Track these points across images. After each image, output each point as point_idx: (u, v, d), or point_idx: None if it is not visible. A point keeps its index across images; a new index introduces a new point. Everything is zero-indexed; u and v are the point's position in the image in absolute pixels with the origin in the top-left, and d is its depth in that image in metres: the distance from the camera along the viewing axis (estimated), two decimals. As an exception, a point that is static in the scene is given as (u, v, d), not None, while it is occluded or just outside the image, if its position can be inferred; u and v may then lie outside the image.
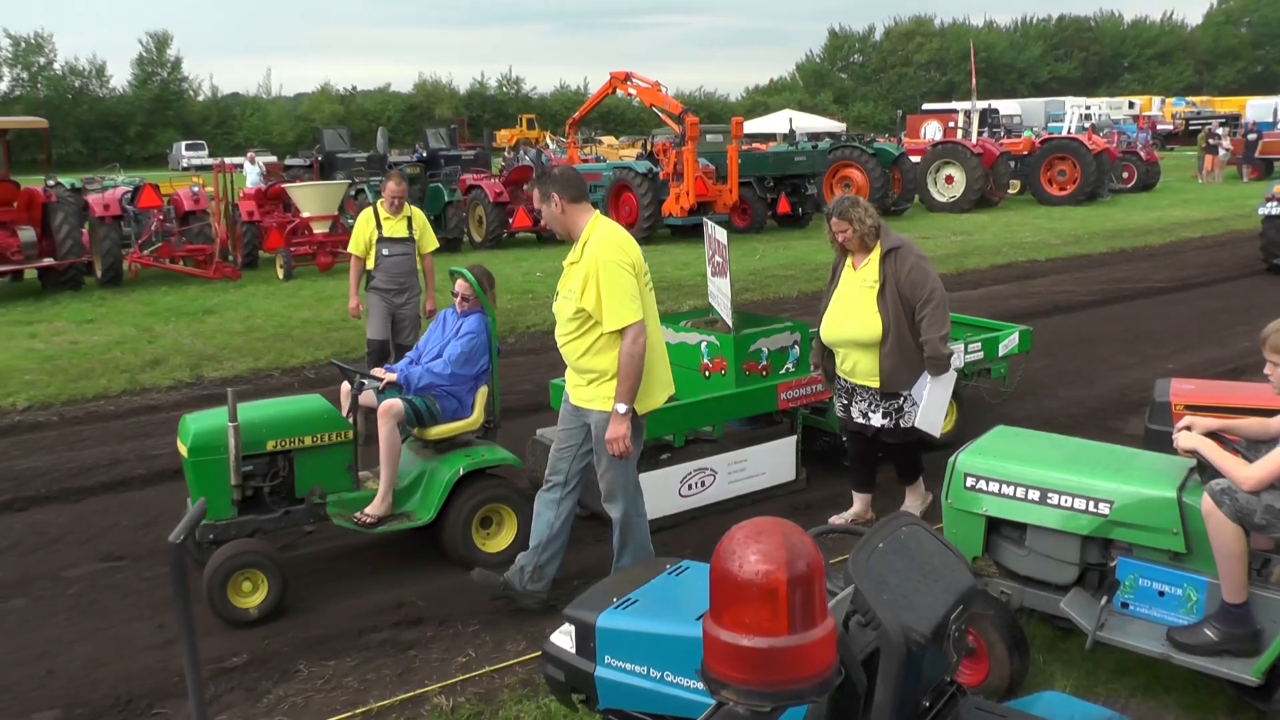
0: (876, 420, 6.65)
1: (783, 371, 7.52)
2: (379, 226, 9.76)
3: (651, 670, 3.38)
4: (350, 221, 20.82)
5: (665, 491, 6.93)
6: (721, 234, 7.57)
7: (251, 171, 29.48)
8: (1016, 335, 8.77)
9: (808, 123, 57.99)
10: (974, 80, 36.53)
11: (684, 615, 3.39)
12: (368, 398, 6.62)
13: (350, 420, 6.40)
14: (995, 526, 4.90)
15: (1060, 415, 9.41)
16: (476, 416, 6.67)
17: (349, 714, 4.94)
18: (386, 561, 6.64)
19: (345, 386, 6.67)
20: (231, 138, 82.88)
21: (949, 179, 29.44)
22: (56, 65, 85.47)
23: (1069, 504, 4.59)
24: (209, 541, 6.06)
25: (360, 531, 6.31)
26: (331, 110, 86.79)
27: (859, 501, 7.05)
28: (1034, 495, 4.67)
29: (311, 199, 19.88)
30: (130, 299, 17.38)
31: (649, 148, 26.10)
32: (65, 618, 6.00)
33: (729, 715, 2.05)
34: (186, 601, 2.85)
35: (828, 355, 6.83)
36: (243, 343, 13.16)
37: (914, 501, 7.03)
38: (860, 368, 6.58)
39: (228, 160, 23.58)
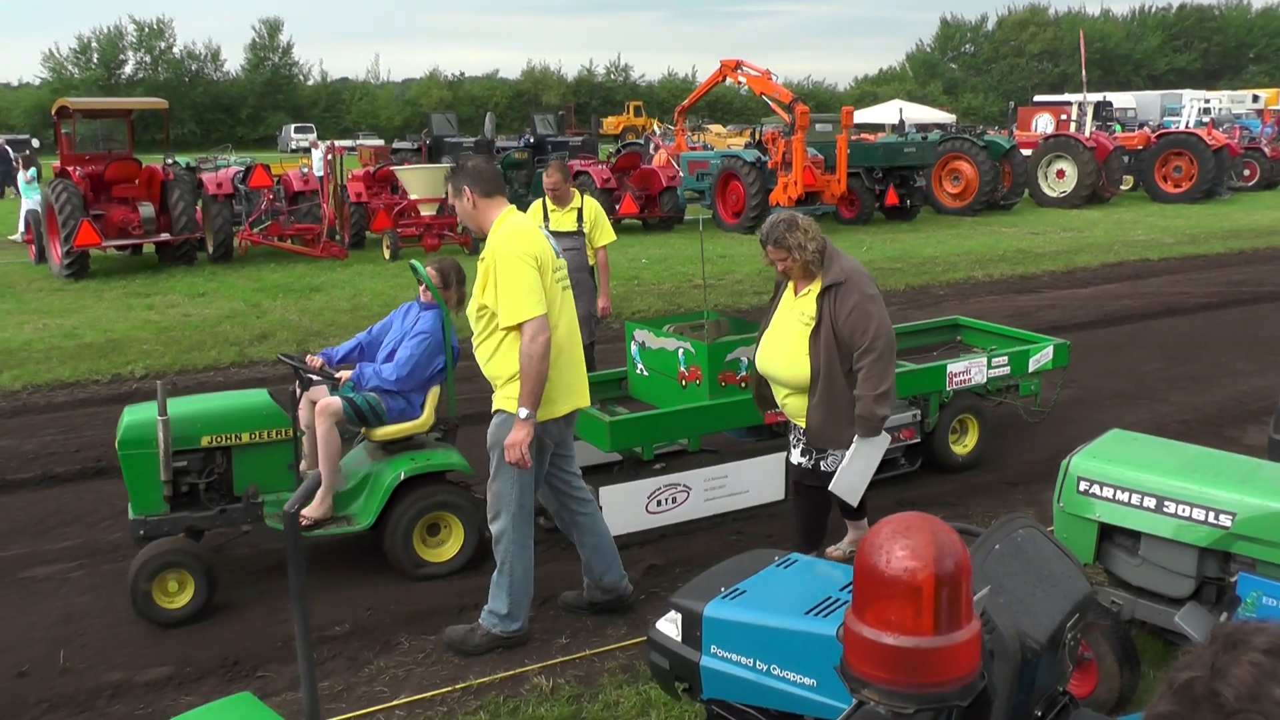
0: (795, 457, 5.91)
1: (743, 382, 6.92)
2: (546, 220, 9.15)
3: (758, 662, 3.36)
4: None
5: (631, 507, 6.55)
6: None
7: (315, 157, 29.96)
8: (1051, 349, 8.13)
9: (917, 113, 57.19)
10: (1084, 71, 35.63)
11: (792, 609, 3.37)
12: (321, 394, 6.36)
13: (291, 418, 6.16)
14: (1108, 533, 4.74)
15: (1173, 421, 9.13)
16: (425, 418, 6.34)
17: (448, 689, 5.02)
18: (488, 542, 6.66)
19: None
20: (340, 121, 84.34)
21: (1060, 173, 28.78)
22: (175, 50, 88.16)
23: (1188, 514, 4.43)
24: (139, 537, 5.89)
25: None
26: (439, 96, 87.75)
27: (853, 529, 6.33)
28: (1150, 503, 4.52)
29: (419, 182, 20.17)
30: (240, 275, 17.88)
31: (757, 136, 25.95)
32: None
33: (870, 715, 2.02)
34: (300, 569, 2.92)
35: (764, 381, 6.03)
36: (349, 320, 13.40)
37: (850, 540, 6.26)
38: (791, 406, 5.81)
39: (338, 143, 23.96)
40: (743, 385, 6.83)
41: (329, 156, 20.15)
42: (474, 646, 5.30)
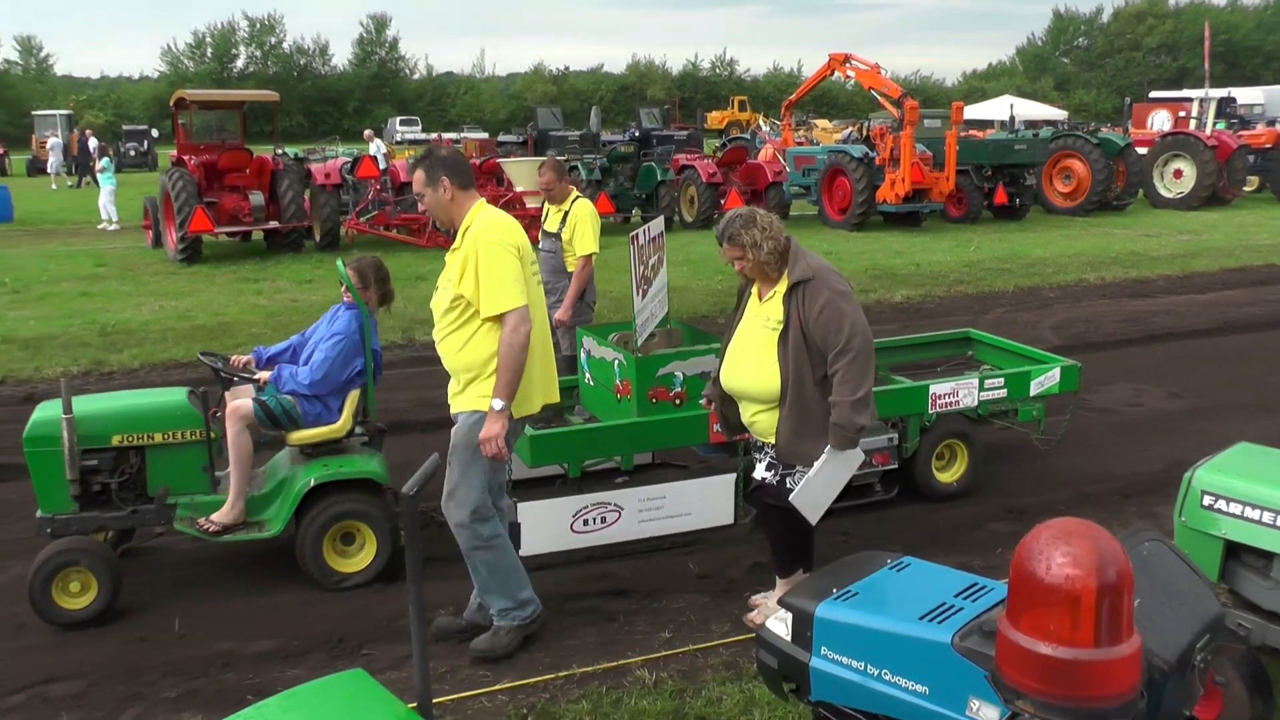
0: (759, 471, 5.30)
1: (704, 402, 6.16)
2: (545, 217, 8.82)
3: (869, 666, 3.30)
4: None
5: (554, 526, 6.12)
6: (656, 226, 6.63)
7: (373, 149, 30.36)
8: (1058, 372, 7.30)
9: (1027, 109, 55.90)
10: (1207, 65, 34.51)
11: (905, 613, 3.30)
12: (247, 395, 6.18)
13: (204, 418, 5.97)
14: (1234, 552, 4.49)
15: (1301, 435, 8.73)
16: (343, 423, 6.11)
17: (551, 675, 5.03)
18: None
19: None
20: (444, 115, 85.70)
21: (1178, 173, 27.85)
22: (285, 45, 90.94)
23: (1327, 535, 4.18)
24: (46, 535, 5.78)
25: (206, 540, 5.92)
26: (544, 90, 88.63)
27: (781, 587, 5.54)
28: (1283, 520, 4.30)
29: (525, 174, 20.31)
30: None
31: (865, 132, 25.66)
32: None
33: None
34: (418, 551, 2.93)
35: (729, 401, 5.40)
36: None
37: (779, 594, 5.37)
38: (760, 425, 5.21)
39: (445, 135, 24.24)
40: (676, 403, 6.36)
41: (404, 149, 20.33)
42: (504, 647, 5.19)
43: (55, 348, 11.92)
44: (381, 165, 22.09)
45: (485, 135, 48.97)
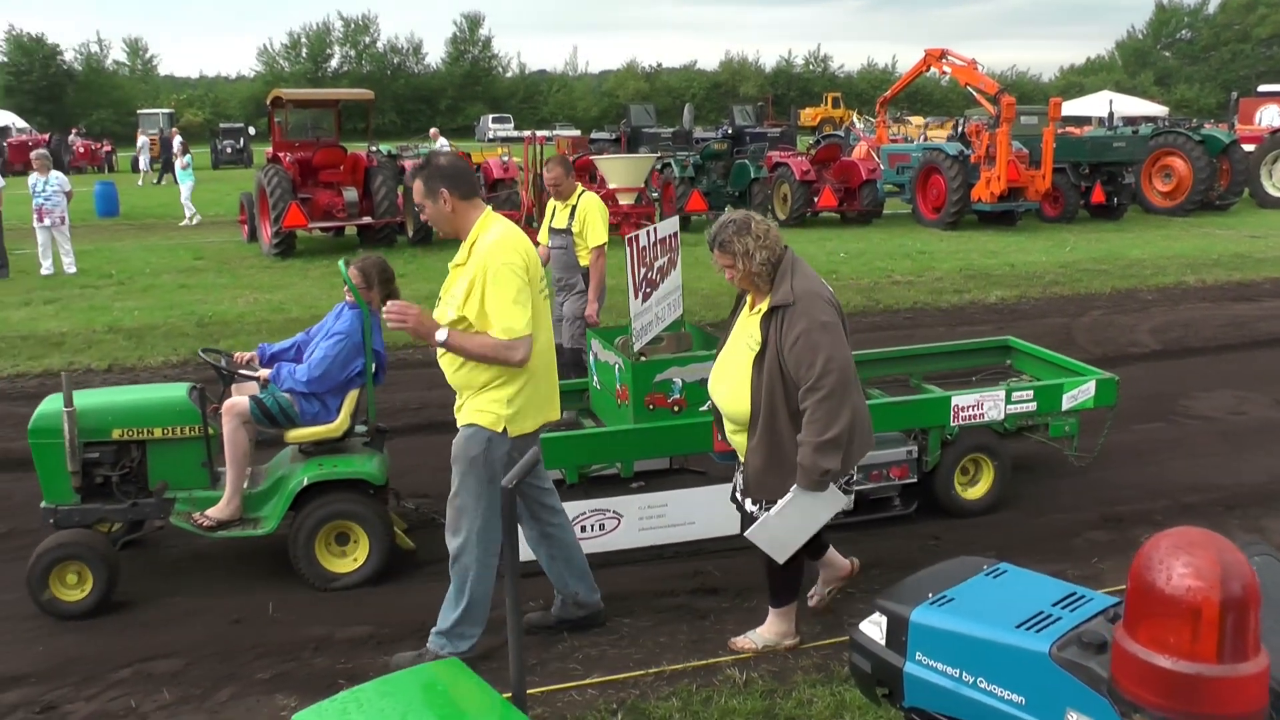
0: (746, 504, 5.03)
1: (705, 408, 6.03)
2: (553, 215, 8.78)
3: (965, 674, 3.25)
4: (655, 195, 21.31)
5: None
6: (667, 228, 6.56)
7: (439, 146, 30.57)
8: (1093, 385, 6.95)
9: (1126, 105, 54.52)
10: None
11: (1003, 621, 3.24)
12: (246, 390, 6.22)
13: (203, 415, 6.05)
14: None
15: None
16: (340, 422, 6.12)
17: (641, 672, 5.05)
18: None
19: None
20: (537, 112, 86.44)
21: (1288, 171, 27.02)
22: (379, 44, 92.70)
23: None
24: (49, 525, 5.91)
25: (200, 535, 5.97)
26: (636, 87, 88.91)
27: (823, 568, 5.61)
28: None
29: (618, 171, 20.35)
30: (438, 258, 18.45)
31: (960, 129, 25.29)
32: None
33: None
34: (515, 543, 2.96)
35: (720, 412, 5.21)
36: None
37: (768, 631, 5.26)
38: (737, 442, 5.01)
39: (538, 133, 24.45)
40: (675, 410, 6.24)
41: (528, 146, 20.54)
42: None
43: (156, 337, 12.35)
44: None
45: (577, 132, 49.24)
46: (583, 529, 6.12)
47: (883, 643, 3.56)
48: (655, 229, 6.31)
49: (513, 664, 3.07)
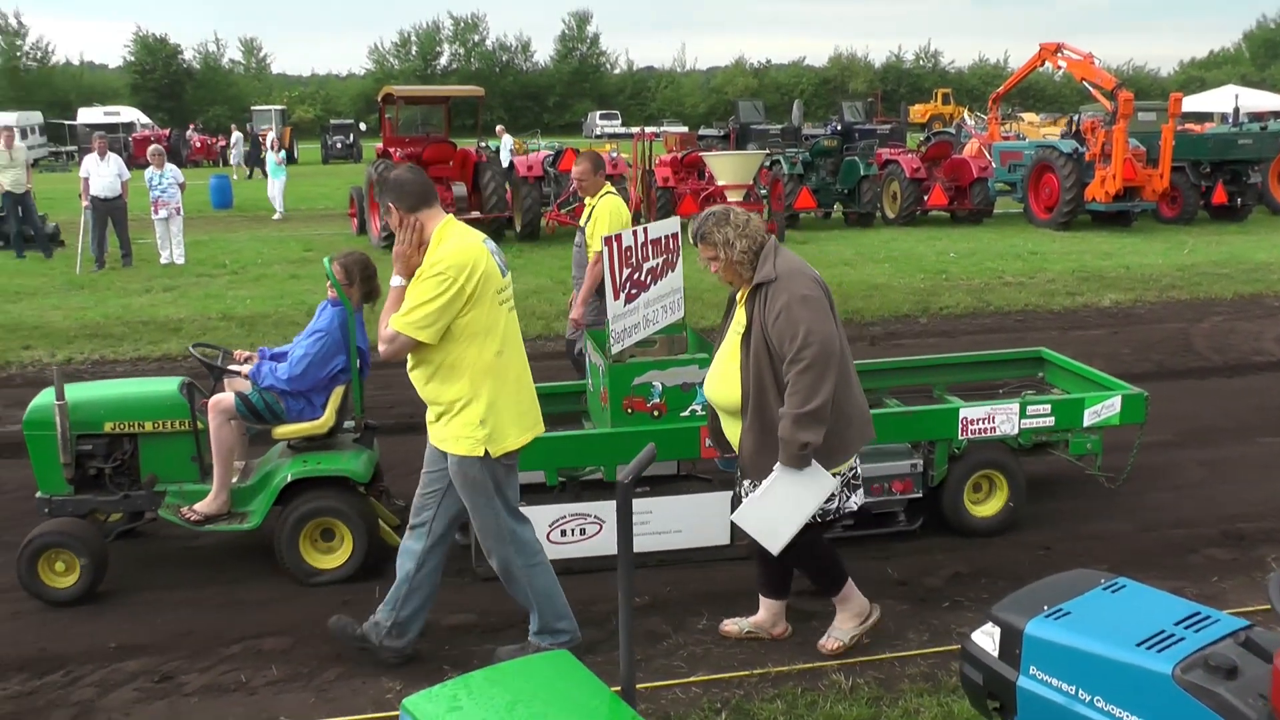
0: (742, 490, 5.01)
1: (686, 413, 6.13)
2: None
3: (1080, 691, 3.17)
4: (763, 192, 21.21)
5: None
6: (664, 229, 6.36)
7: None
8: (1118, 401, 6.54)
9: (1254, 100, 52.29)
10: None
11: (1122, 638, 3.15)
12: (240, 386, 6.25)
13: (191, 410, 6.12)
14: None
15: None
16: (325, 419, 6.11)
17: (746, 672, 5.02)
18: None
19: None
20: (645, 109, 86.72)
21: None
22: (488, 42, 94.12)
23: None
24: (43, 514, 6.04)
25: (188, 528, 6.03)
26: (744, 84, 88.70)
27: (764, 608, 5.39)
28: None
29: (727, 168, 20.32)
30: (546, 253, 18.71)
31: (1075, 126, 24.71)
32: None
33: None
34: (629, 537, 2.98)
35: (715, 414, 5.18)
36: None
37: (845, 622, 5.22)
38: (734, 436, 4.98)
39: (647, 129, 24.52)
40: (655, 415, 6.12)
41: (637, 142, 20.62)
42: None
43: (268, 325, 12.73)
44: (506, 162, 22.42)
45: (685, 129, 49.33)
46: (563, 533, 6.08)
47: (995, 654, 3.50)
48: (648, 229, 6.20)
49: (623, 659, 3.09)
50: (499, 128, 36.57)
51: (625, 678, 3.08)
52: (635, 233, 6.11)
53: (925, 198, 22.50)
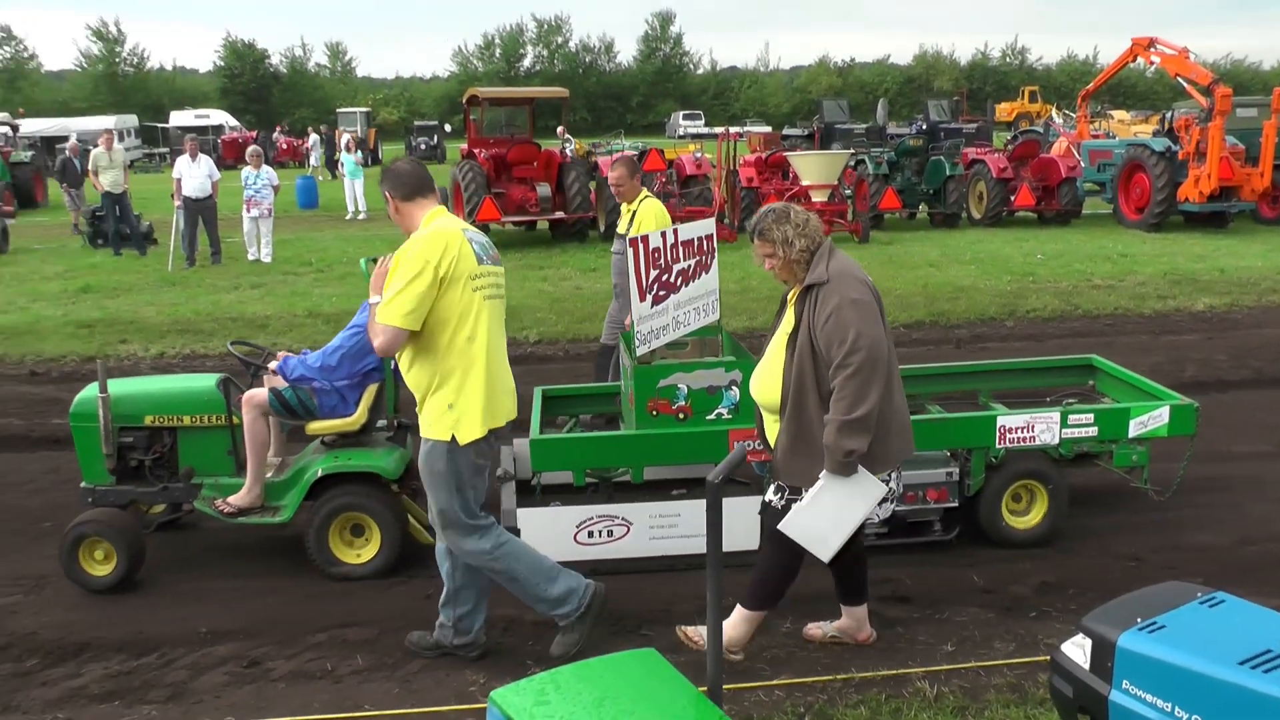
0: (769, 493, 4.94)
1: (712, 417, 6.08)
2: (620, 218, 8.64)
3: (1177, 709, 3.08)
4: (848, 192, 21.08)
5: (556, 535, 6.00)
6: (700, 229, 6.33)
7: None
8: (1166, 411, 6.31)
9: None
10: None
11: (1223, 656, 3.06)
12: (276, 383, 6.32)
13: (227, 405, 6.27)
14: None
15: None
16: (358, 416, 6.20)
17: (830, 677, 4.98)
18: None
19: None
20: (728, 108, 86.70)
21: None
22: (571, 43, 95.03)
23: None
24: (87, 503, 6.23)
25: (221, 520, 6.18)
26: (828, 83, 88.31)
27: (846, 614, 5.31)
28: None
29: (812, 168, 20.25)
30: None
31: (1168, 123, 24.13)
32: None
33: None
34: (717, 538, 2.98)
35: (760, 414, 5.11)
36: (738, 302, 13.56)
37: (839, 626, 5.26)
38: (774, 438, 4.90)
39: (731, 129, 24.47)
40: (680, 418, 6.07)
41: (721, 142, 20.62)
42: (574, 643, 5.13)
43: (352, 322, 12.85)
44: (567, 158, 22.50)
45: (768, 129, 49.15)
46: (590, 534, 6.10)
47: (1086, 667, 3.42)
48: (675, 231, 6.17)
49: (710, 658, 3.09)
50: (559, 129, 36.78)
51: (712, 677, 3.07)
52: (664, 234, 6.11)
53: (1012, 198, 22.13)
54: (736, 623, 5.06)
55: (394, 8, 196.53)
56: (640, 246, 5.85)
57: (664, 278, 6.07)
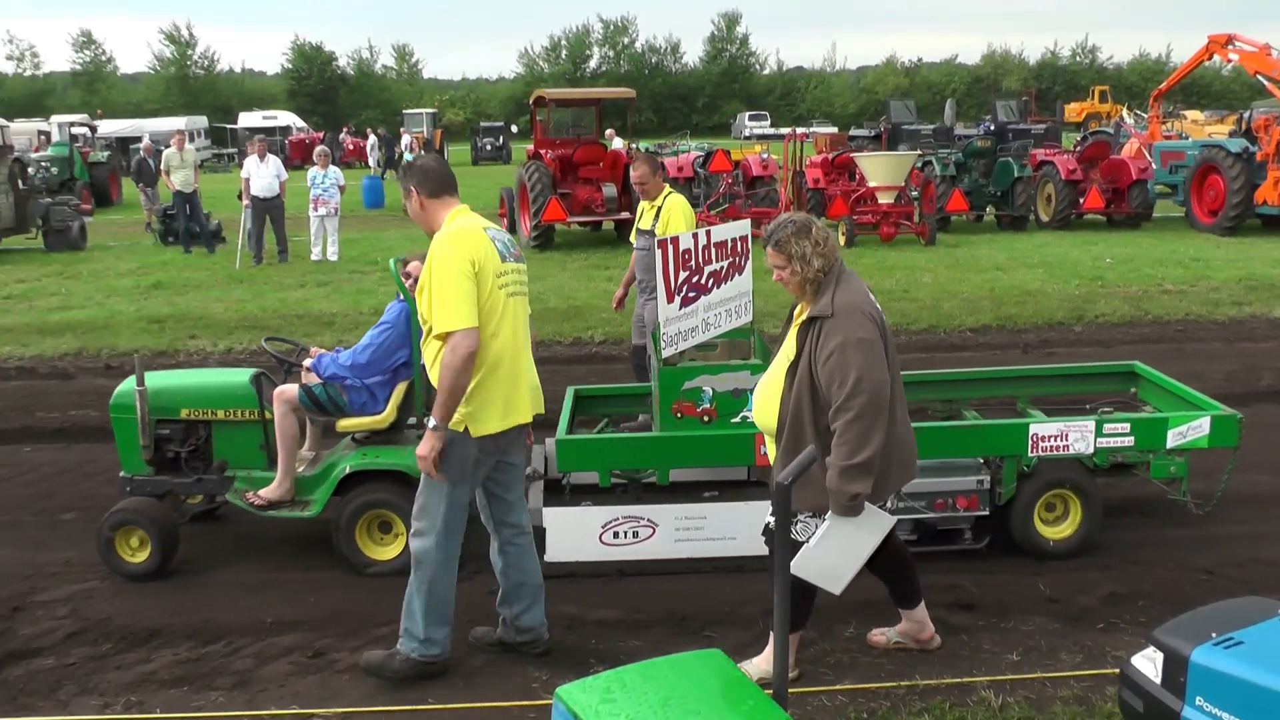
0: (770, 518, 4.63)
1: (737, 419, 6.00)
2: (641, 216, 8.63)
3: (1254, 726, 3.03)
4: (915, 194, 20.91)
5: (581, 535, 6.05)
6: (734, 231, 6.22)
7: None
8: (1207, 422, 6.11)
9: None
10: None
11: (1304, 673, 3.00)
12: (310, 380, 6.37)
13: (259, 400, 6.38)
14: None
15: None
16: (387, 414, 6.22)
17: (893, 684, 4.93)
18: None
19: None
20: (794, 109, 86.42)
21: None
22: (637, 44, 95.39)
23: None
24: (125, 492, 6.43)
25: (251, 512, 6.27)
26: (895, 83, 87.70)
27: (904, 619, 5.22)
28: None
29: (879, 169, 20.11)
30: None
31: (1245, 123, 23.63)
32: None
33: None
34: (786, 539, 2.99)
35: None
36: (787, 300, 13.42)
37: (764, 661, 4.93)
38: (774, 453, 4.78)
39: (797, 130, 24.40)
40: (705, 420, 6.01)
41: (788, 143, 20.58)
42: (393, 672, 5.03)
43: (417, 320, 12.99)
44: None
45: (835, 129, 48.92)
46: (615, 535, 6.09)
47: (1158, 681, 3.37)
48: (708, 232, 6.11)
49: (776, 661, 3.09)
50: (609, 131, 36.89)
51: (778, 679, 3.07)
52: (696, 235, 6.08)
53: (1081, 200, 21.73)
54: (769, 655, 4.92)
55: (461, 10, 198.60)
56: (670, 248, 5.84)
57: (694, 279, 6.06)
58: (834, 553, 4.42)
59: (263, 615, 5.78)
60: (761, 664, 4.90)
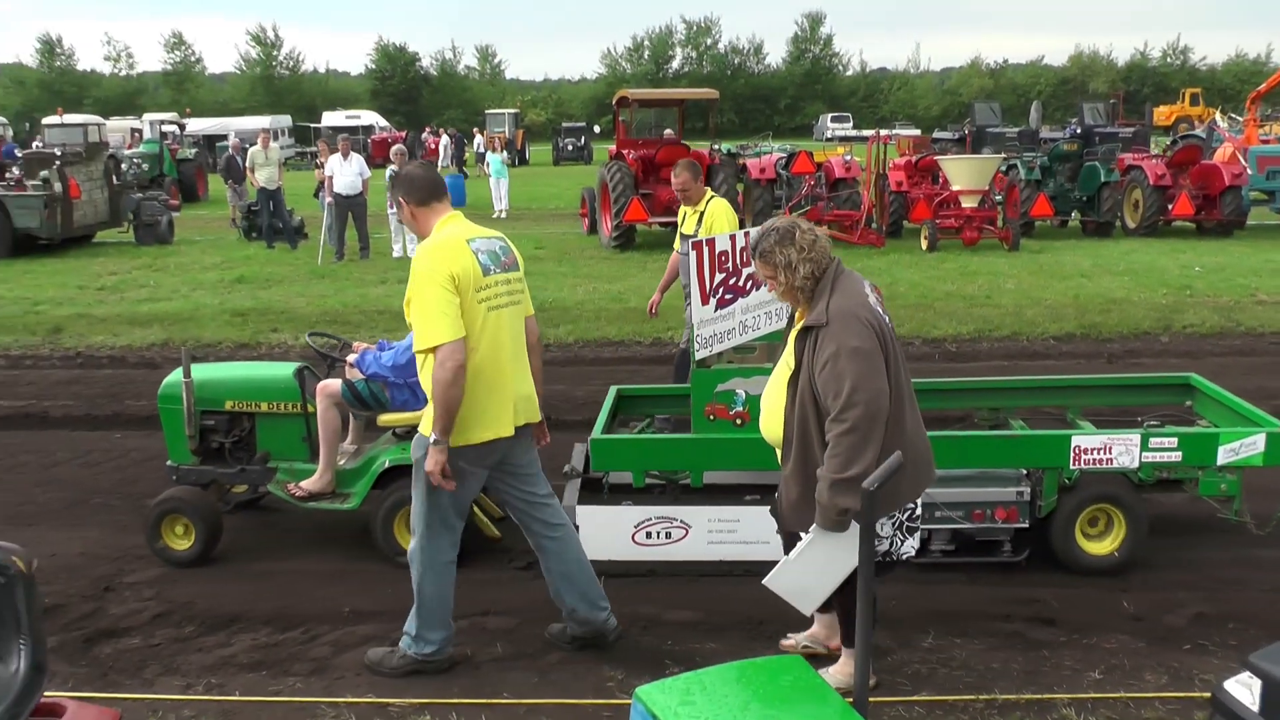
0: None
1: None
2: (683, 220, 8.62)
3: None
4: (999, 198, 20.61)
5: (614, 534, 6.04)
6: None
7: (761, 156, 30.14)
8: (1261, 439, 5.85)
9: None
10: None
11: None
12: (353, 374, 6.45)
13: (302, 393, 6.49)
14: None
15: None
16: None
17: (972, 696, 4.85)
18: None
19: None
20: (877, 111, 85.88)
21: None
22: (720, 45, 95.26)
23: None
24: (172, 481, 6.61)
25: (292, 503, 6.40)
26: (980, 84, 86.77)
27: (818, 622, 5.21)
28: None
29: (963, 172, 19.89)
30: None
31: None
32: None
33: None
34: (871, 546, 2.98)
35: None
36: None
37: (842, 669, 4.82)
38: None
39: (881, 132, 24.18)
40: (737, 423, 5.98)
41: (871, 145, 20.42)
42: (390, 669, 5.10)
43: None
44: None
45: (918, 132, 48.43)
46: (648, 535, 6.11)
47: (1255, 709, 3.25)
48: (746, 234, 6.00)
49: (858, 669, 3.07)
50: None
51: (859, 687, 3.04)
52: (733, 237, 6.03)
53: (1170, 207, 21.17)
54: (845, 663, 4.86)
55: (544, 10, 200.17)
56: (705, 250, 5.81)
57: (731, 281, 6.02)
58: (812, 569, 4.30)
59: (341, 605, 5.88)
60: (839, 673, 4.82)
